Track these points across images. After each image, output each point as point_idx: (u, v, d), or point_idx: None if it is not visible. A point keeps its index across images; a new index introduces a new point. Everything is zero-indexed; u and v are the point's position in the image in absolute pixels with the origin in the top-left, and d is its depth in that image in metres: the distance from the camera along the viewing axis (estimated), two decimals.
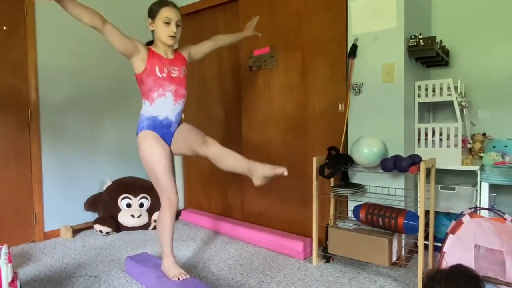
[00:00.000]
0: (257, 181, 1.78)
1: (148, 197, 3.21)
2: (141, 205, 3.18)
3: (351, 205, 2.41)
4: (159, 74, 1.90)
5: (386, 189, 2.30)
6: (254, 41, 2.90)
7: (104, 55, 3.37)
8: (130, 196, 3.16)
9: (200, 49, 2.22)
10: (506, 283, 1.70)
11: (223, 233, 3.02)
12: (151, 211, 3.19)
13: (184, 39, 3.64)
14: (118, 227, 3.09)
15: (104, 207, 3.13)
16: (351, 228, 2.20)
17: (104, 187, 3.24)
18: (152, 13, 1.92)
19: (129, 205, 3.14)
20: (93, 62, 3.30)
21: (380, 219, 2.07)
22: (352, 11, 2.35)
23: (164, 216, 1.96)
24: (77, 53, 3.18)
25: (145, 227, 3.17)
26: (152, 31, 1.96)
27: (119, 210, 3.11)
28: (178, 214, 3.54)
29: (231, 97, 3.19)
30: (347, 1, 2.38)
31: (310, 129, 2.64)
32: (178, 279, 1.90)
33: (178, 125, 2.06)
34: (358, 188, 2.27)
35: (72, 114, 3.14)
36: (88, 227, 3.17)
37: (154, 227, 3.17)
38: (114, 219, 3.08)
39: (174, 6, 1.94)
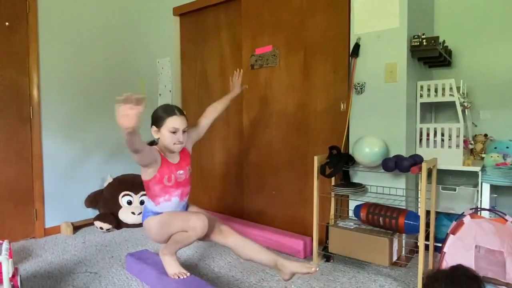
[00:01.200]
0: (285, 276, 1.76)
1: None
2: (142, 202, 3.18)
3: (352, 205, 2.41)
4: (167, 183, 1.86)
5: (387, 189, 2.30)
6: (256, 40, 2.90)
7: (106, 52, 3.37)
8: (131, 193, 3.16)
9: (201, 127, 2.12)
10: (506, 284, 1.70)
11: None
12: None
13: (187, 38, 3.66)
14: (118, 224, 3.10)
15: (104, 204, 3.13)
16: (352, 227, 2.20)
17: (105, 184, 3.24)
18: (158, 122, 1.85)
19: (129, 202, 3.14)
20: (95, 58, 3.30)
21: (380, 218, 2.07)
22: (355, 10, 2.34)
23: (189, 237, 1.83)
24: (79, 49, 3.18)
25: None
26: (157, 138, 1.91)
27: (120, 207, 3.12)
28: None
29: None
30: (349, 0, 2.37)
31: (312, 128, 2.64)
32: (178, 277, 1.90)
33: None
34: (359, 187, 2.27)
35: (73, 110, 3.15)
36: (89, 223, 3.18)
37: None
38: (114, 216, 3.08)
39: (181, 113, 1.87)
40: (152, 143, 1.95)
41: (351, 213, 2.41)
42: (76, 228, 3.11)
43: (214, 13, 3.28)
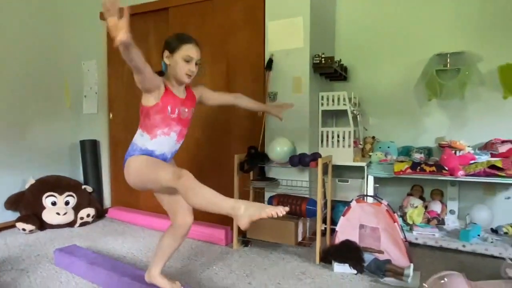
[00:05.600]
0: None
1: (74, 195, 3.25)
2: (67, 203, 3.21)
3: (267, 196, 2.79)
4: (170, 114, 1.69)
5: (295, 182, 2.72)
6: None
7: (29, 55, 3.32)
8: (55, 194, 3.17)
9: (216, 99, 2.00)
10: (378, 251, 2.20)
11: (151, 227, 3.19)
12: (77, 208, 3.22)
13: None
14: (42, 225, 3.08)
15: (26, 205, 3.10)
16: None
17: (27, 186, 3.19)
18: (172, 46, 1.70)
19: (54, 203, 3.15)
20: (17, 62, 3.23)
21: (288, 206, 2.46)
22: (269, 30, 2.74)
23: (172, 240, 1.90)
24: (0, 52, 3.10)
25: (71, 224, 3.19)
26: (167, 64, 1.74)
27: (44, 208, 3.11)
28: (105, 211, 3.60)
29: None
30: (265, 21, 2.76)
31: (234, 130, 2.97)
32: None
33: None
34: (273, 181, 2.66)
35: None
36: (9, 226, 3.10)
37: (81, 225, 3.21)
38: (37, 217, 3.06)
39: (197, 44, 1.73)
40: (161, 73, 1.78)
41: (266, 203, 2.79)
42: None
43: (143, 20, 3.44)
